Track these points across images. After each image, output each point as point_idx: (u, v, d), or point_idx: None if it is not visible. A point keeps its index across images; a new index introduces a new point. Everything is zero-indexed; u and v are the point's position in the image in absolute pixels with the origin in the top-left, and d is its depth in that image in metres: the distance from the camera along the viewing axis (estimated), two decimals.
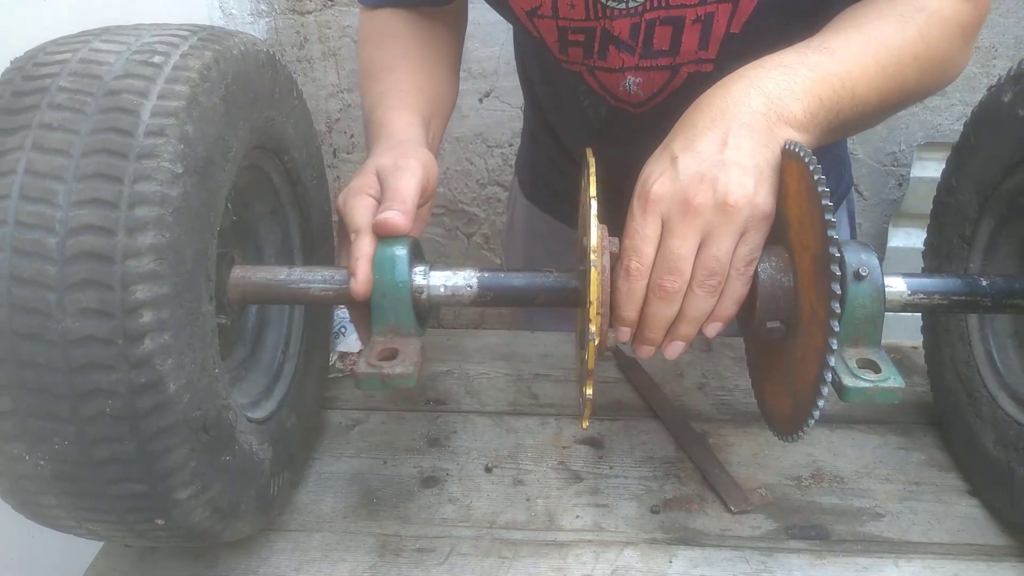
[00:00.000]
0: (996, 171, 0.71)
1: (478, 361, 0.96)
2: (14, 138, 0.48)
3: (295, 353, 0.77)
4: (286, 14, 1.72)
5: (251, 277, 0.65)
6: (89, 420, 0.49)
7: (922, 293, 0.65)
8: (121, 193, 0.47)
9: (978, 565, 0.68)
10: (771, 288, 0.63)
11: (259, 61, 0.62)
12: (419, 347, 0.63)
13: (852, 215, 1.10)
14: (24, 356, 0.47)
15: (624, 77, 0.85)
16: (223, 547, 0.70)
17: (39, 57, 0.53)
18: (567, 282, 0.66)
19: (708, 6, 0.76)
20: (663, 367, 0.94)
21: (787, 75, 0.63)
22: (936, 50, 0.70)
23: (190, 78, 0.52)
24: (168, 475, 0.52)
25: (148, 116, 0.49)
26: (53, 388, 0.48)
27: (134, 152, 0.48)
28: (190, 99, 0.51)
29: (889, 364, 0.61)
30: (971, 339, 0.76)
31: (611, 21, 0.79)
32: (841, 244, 0.59)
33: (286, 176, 0.74)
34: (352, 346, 0.93)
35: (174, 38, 0.54)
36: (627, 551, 0.70)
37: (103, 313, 0.47)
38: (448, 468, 0.80)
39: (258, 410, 0.69)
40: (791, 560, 0.69)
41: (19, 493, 0.53)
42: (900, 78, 0.69)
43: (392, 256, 0.63)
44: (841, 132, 0.69)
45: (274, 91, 0.66)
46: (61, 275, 0.47)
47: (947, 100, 1.84)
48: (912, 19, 0.69)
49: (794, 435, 0.63)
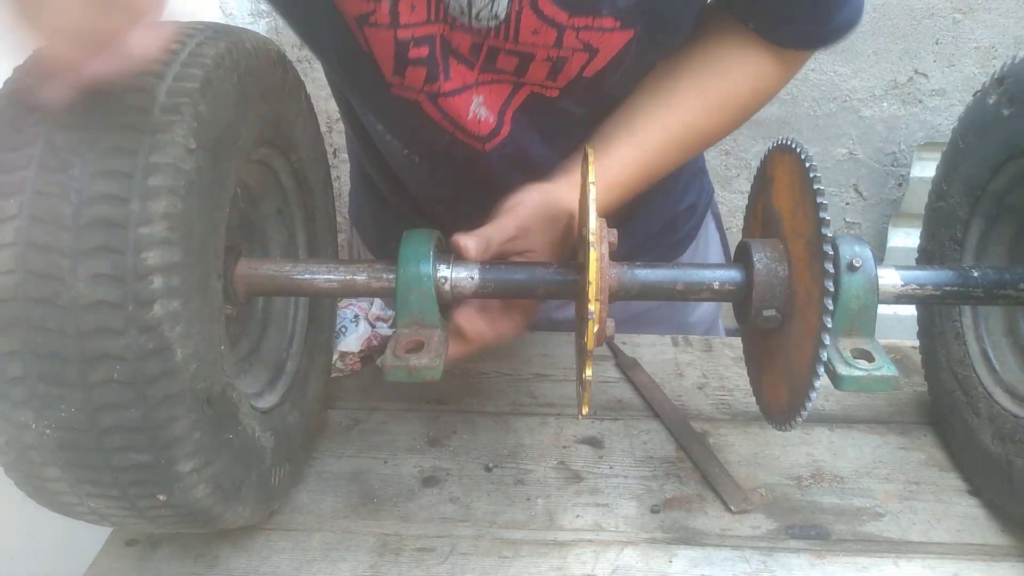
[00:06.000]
0: (984, 172, 0.73)
1: (478, 361, 0.96)
2: (36, 115, 0.50)
3: (298, 352, 0.78)
4: None
5: (257, 269, 0.67)
6: (97, 386, 0.49)
7: (915, 284, 0.66)
8: (136, 164, 0.49)
9: (978, 565, 0.69)
10: (767, 277, 0.64)
11: (270, 58, 0.64)
12: (444, 339, 0.65)
13: (717, 218, 1.10)
14: (36, 321, 0.48)
15: (471, 98, 0.76)
16: (223, 547, 0.70)
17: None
18: (567, 274, 0.67)
19: (563, 51, 0.71)
20: (663, 367, 0.94)
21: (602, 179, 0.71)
22: (741, 112, 0.82)
23: (205, 63, 0.54)
24: (172, 445, 0.52)
25: (164, 95, 0.51)
26: (63, 353, 0.49)
27: (150, 127, 0.50)
28: (204, 82, 0.53)
29: (882, 353, 0.62)
30: (966, 338, 0.77)
31: (451, 31, 0.71)
32: (835, 237, 0.60)
33: (293, 176, 0.74)
34: (352, 346, 0.93)
35: (189, 30, 0.56)
36: (627, 551, 0.70)
37: (114, 278, 0.48)
38: (448, 468, 0.80)
39: (261, 401, 0.70)
40: (791, 560, 0.69)
41: (23, 465, 0.53)
42: (699, 148, 0.83)
43: (417, 250, 0.65)
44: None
45: (283, 88, 0.68)
46: (76, 241, 0.48)
47: (947, 100, 1.85)
48: (717, 100, 0.79)
49: (791, 422, 0.63)
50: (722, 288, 0.67)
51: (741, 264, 0.67)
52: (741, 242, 0.69)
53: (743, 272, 0.66)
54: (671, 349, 0.98)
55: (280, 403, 0.72)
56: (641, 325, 1.01)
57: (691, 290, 0.67)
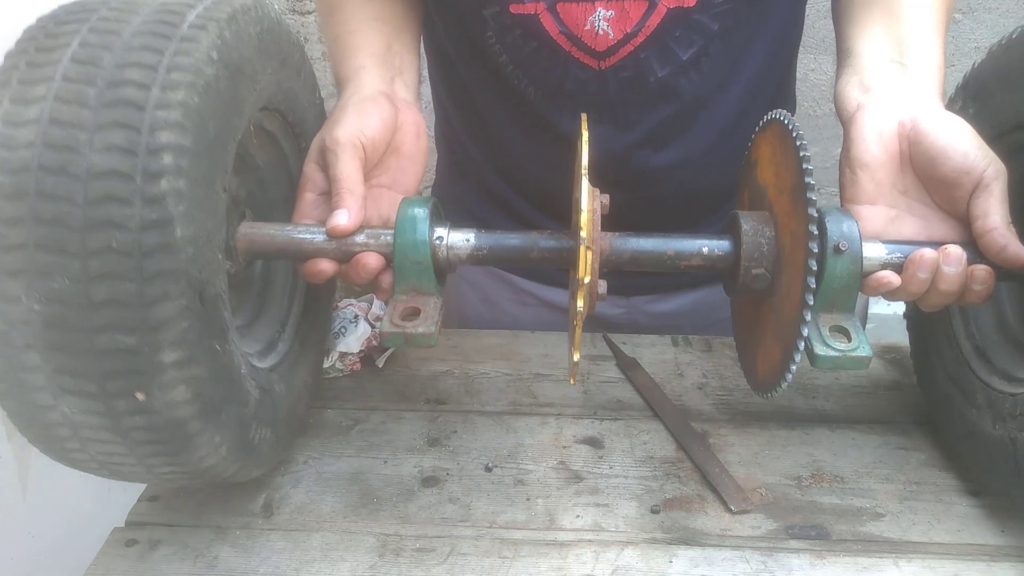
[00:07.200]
0: None
1: (478, 361, 0.96)
2: (72, 25, 0.55)
3: (289, 338, 0.78)
4: (286, 14, 1.72)
5: (259, 229, 0.68)
6: (95, 253, 0.50)
7: (899, 254, 0.66)
8: (161, 61, 0.53)
9: (978, 565, 0.69)
10: (754, 237, 0.67)
11: (289, 33, 0.70)
12: (440, 306, 0.66)
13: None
14: (46, 189, 0.50)
15: (594, 9, 0.76)
16: (223, 547, 0.70)
17: (61, 15, 0.58)
18: (560, 240, 0.68)
19: None
20: (663, 367, 0.94)
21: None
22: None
23: (232, 3, 0.60)
24: (160, 327, 0.52)
25: (193, 17, 0.56)
26: (67, 220, 0.50)
27: (178, 35, 0.55)
28: (231, 16, 0.59)
29: (860, 333, 0.64)
30: (958, 339, 0.77)
31: None
32: (822, 212, 0.64)
33: (301, 163, 0.75)
34: (352, 346, 0.93)
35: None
36: (627, 551, 0.70)
37: (127, 151, 0.51)
38: (448, 468, 0.80)
39: (252, 358, 0.70)
40: (791, 560, 0.69)
41: (3, 348, 0.52)
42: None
43: (414, 216, 0.66)
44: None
45: (298, 69, 0.72)
46: (95, 118, 0.51)
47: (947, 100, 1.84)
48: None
49: (783, 378, 0.64)
50: (711, 254, 0.68)
51: (730, 234, 0.69)
52: (730, 214, 0.70)
53: (732, 240, 0.68)
54: (671, 349, 0.98)
55: (268, 370, 0.72)
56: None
57: (681, 256, 0.68)
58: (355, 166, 0.69)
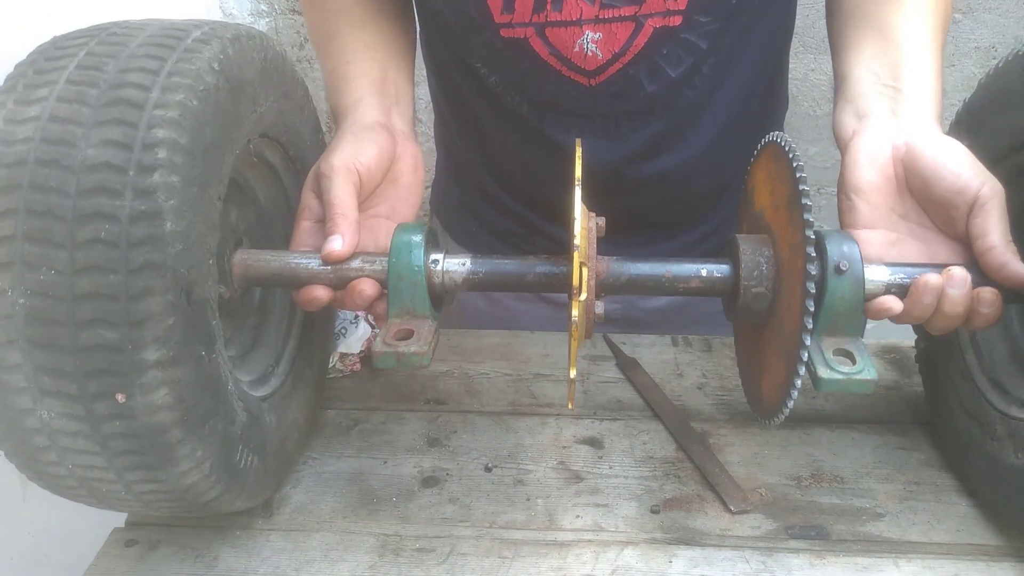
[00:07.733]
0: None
1: (478, 361, 0.96)
2: (80, 39, 0.57)
3: (283, 372, 0.77)
4: (286, 14, 1.72)
5: (254, 255, 0.68)
6: (83, 245, 0.50)
7: (903, 275, 0.66)
8: (163, 67, 0.55)
9: (978, 565, 0.69)
10: (752, 256, 0.66)
11: (291, 68, 0.72)
12: (434, 328, 0.66)
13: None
14: (39, 181, 0.51)
15: (581, 32, 0.77)
16: (223, 547, 0.70)
17: (73, 33, 0.59)
18: (557, 264, 0.68)
19: None
20: (663, 367, 0.94)
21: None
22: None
23: (237, 30, 0.62)
24: (143, 322, 0.51)
25: (198, 33, 0.58)
26: (57, 210, 0.50)
27: (181, 47, 0.57)
28: (235, 36, 0.61)
29: (865, 355, 0.63)
30: (973, 374, 0.76)
31: None
32: (821, 234, 0.63)
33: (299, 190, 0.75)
34: (352, 347, 0.93)
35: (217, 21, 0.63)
36: (627, 551, 0.70)
37: (122, 145, 0.52)
38: (448, 468, 0.80)
39: (243, 384, 0.69)
40: (791, 560, 0.69)
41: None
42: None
43: (409, 241, 0.66)
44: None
45: (293, 95, 0.72)
46: (94, 116, 0.52)
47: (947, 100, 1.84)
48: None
49: (789, 395, 0.63)
50: (710, 276, 0.68)
51: (728, 256, 0.69)
52: (728, 239, 0.70)
53: (731, 261, 0.67)
54: (671, 349, 0.98)
55: (260, 399, 0.71)
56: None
57: (679, 279, 0.68)
58: (349, 191, 0.69)
